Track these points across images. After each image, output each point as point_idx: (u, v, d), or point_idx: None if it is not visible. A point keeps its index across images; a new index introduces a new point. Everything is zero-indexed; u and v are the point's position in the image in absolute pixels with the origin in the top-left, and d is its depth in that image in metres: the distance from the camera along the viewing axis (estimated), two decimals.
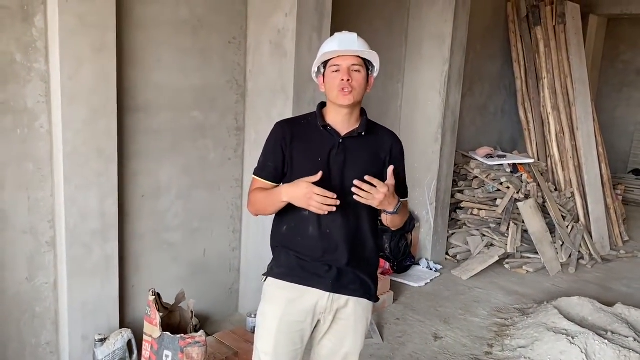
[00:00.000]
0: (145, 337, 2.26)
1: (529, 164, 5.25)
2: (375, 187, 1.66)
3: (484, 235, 4.83)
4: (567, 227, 5.07)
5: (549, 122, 5.63)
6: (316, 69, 1.90)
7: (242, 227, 3.45)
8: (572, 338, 3.08)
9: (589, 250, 5.03)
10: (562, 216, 5.12)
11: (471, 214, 4.89)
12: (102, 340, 2.59)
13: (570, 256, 4.87)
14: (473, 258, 4.65)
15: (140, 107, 2.82)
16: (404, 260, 4.38)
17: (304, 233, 1.84)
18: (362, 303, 1.90)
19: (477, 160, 5.03)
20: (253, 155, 3.30)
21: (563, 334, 3.15)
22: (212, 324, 3.35)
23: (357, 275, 1.87)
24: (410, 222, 4.50)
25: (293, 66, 3.04)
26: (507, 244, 4.70)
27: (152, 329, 2.18)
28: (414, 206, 4.60)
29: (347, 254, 1.83)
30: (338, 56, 1.81)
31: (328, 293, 1.83)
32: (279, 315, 1.85)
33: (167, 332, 2.16)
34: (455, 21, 4.28)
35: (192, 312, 2.31)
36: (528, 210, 4.78)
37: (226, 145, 3.26)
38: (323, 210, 1.66)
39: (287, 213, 1.84)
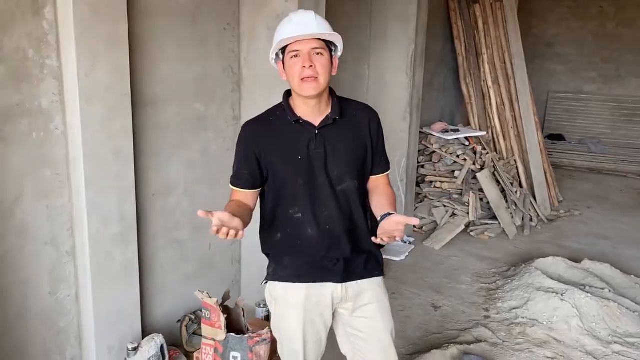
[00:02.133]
0: (205, 340, 2.19)
1: (478, 137, 5.58)
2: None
3: (446, 206, 5.10)
4: (515, 192, 5.48)
5: (489, 96, 5.99)
6: (274, 56, 1.76)
7: None
8: (562, 295, 3.39)
9: (537, 212, 5.48)
10: (510, 183, 5.51)
11: (434, 186, 5.14)
12: (135, 349, 2.47)
13: (523, 219, 5.28)
14: (441, 228, 4.90)
15: (148, 102, 2.66)
16: None
17: (303, 236, 1.78)
18: (376, 281, 1.88)
19: (434, 135, 5.26)
20: None
21: (552, 292, 3.45)
22: None
23: (362, 258, 1.84)
24: None
25: None
26: (468, 213, 5.01)
27: (215, 332, 2.12)
28: None
29: (349, 243, 1.80)
30: (296, 40, 1.66)
31: (340, 284, 1.81)
32: (301, 316, 1.81)
33: (232, 333, 2.11)
34: (419, 2, 4.40)
35: (243, 309, 2.27)
36: (485, 180, 5.10)
37: (225, 136, 3.17)
38: (225, 236, 1.55)
39: (279, 219, 1.79)
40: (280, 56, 1.74)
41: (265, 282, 1.93)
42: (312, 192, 1.56)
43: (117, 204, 2.46)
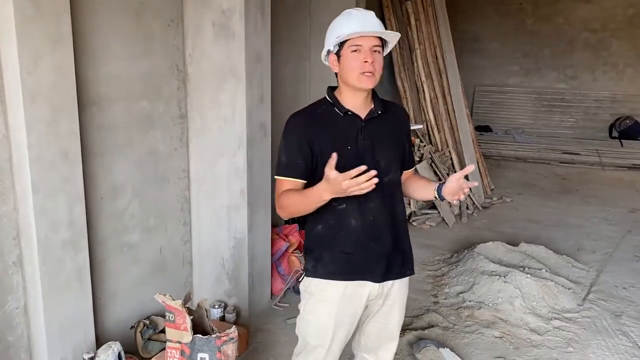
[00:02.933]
0: (170, 344, 2.14)
1: (415, 130, 5.75)
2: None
3: None
4: None
5: (423, 90, 6.18)
6: (330, 49, 1.82)
7: (192, 219, 3.32)
8: (504, 277, 3.57)
9: (472, 200, 5.72)
10: (447, 173, 5.73)
11: None
12: (92, 359, 2.37)
13: (460, 208, 5.50)
14: None
15: (93, 101, 2.56)
16: None
17: (347, 227, 1.80)
18: (404, 280, 1.97)
19: None
20: (199, 143, 3.19)
21: (495, 275, 3.63)
22: None
23: (401, 256, 1.90)
24: None
25: (243, 48, 2.97)
26: (409, 204, 5.16)
27: (181, 334, 2.08)
28: None
29: (391, 236, 1.85)
30: (360, 36, 1.73)
31: (379, 283, 1.86)
32: (333, 312, 1.84)
33: (198, 335, 2.08)
34: None
35: (206, 310, 2.23)
36: (424, 171, 5.27)
37: (172, 134, 3.10)
38: (369, 187, 1.53)
39: (322, 211, 1.77)
40: (334, 49, 1.78)
41: (302, 279, 1.93)
42: None
43: (66, 209, 2.35)
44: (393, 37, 1.81)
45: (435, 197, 1.84)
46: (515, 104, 9.34)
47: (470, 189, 1.81)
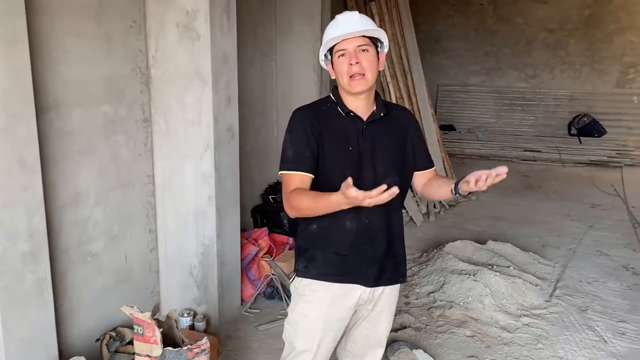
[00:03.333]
0: (139, 358, 2.05)
1: None
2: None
3: None
4: None
5: (389, 90, 6.19)
6: (323, 57, 1.84)
7: (158, 226, 3.23)
8: (474, 275, 3.60)
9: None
10: None
11: None
12: None
13: (427, 207, 5.54)
14: None
15: (51, 106, 2.45)
16: None
17: (341, 229, 1.77)
18: (395, 286, 1.95)
19: None
20: (163, 147, 3.10)
21: (464, 274, 3.66)
22: None
23: (394, 262, 1.88)
24: None
25: (209, 49, 2.91)
26: None
27: (150, 348, 2.00)
28: None
29: (385, 241, 1.83)
30: (342, 40, 1.72)
31: (370, 288, 1.84)
32: (322, 315, 1.82)
33: (168, 347, 2.00)
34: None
35: (176, 321, 2.16)
36: None
37: (136, 139, 3.00)
38: (391, 195, 1.46)
39: None
40: (329, 57, 1.79)
41: (293, 279, 1.90)
42: (357, 184, 1.50)
43: (25, 219, 2.23)
44: (376, 34, 1.77)
45: (452, 191, 1.77)
46: (478, 103, 9.49)
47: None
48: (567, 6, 8.71)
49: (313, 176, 1.75)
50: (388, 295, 1.92)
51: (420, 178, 1.95)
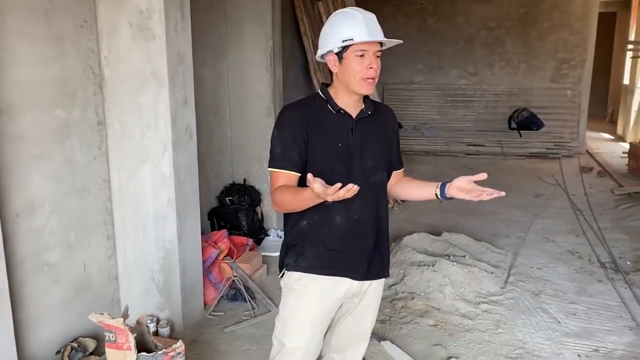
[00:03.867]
0: None
1: None
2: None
3: None
4: None
5: None
6: (330, 49, 1.76)
7: (116, 232, 3.13)
8: (433, 266, 3.70)
9: None
10: None
11: None
12: None
13: None
14: None
15: (3, 110, 2.34)
16: (259, 234, 4.51)
17: (331, 224, 1.80)
18: (381, 281, 1.98)
19: None
20: (119, 150, 3.01)
21: (424, 265, 3.75)
22: (102, 342, 3.01)
23: (380, 257, 1.92)
24: (258, 196, 4.64)
25: (165, 49, 2.85)
26: None
27: (124, 354, 1.94)
28: (255, 181, 4.73)
29: (374, 236, 1.86)
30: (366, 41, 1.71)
31: (358, 282, 1.86)
32: (312, 310, 1.83)
33: (143, 353, 1.95)
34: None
35: (147, 326, 2.11)
36: None
37: (90, 143, 2.90)
38: (352, 193, 1.50)
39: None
40: (335, 50, 1.74)
41: (283, 274, 1.89)
42: (346, 179, 1.52)
43: None
44: (394, 44, 1.80)
45: (437, 196, 1.83)
46: (422, 100, 9.73)
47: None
48: (505, 5, 9.07)
49: (299, 174, 1.76)
50: (375, 289, 1.94)
51: (392, 177, 1.99)
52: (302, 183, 1.75)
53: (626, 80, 10.70)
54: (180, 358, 2.02)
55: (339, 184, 1.47)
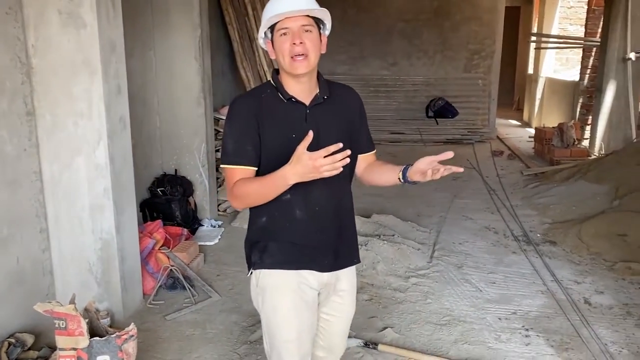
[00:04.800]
0: (63, 352, 1.98)
1: None
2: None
3: None
4: None
5: (266, 78, 6.34)
6: (263, 34, 1.71)
7: (49, 225, 3.07)
8: (365, 245, 3.90)
9: None
10: None
11: None
12: None
13: None
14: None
15: None
16: (193, 224, 4.52)
17: (291, 218, 1.72)
18: (352, 268, 1.91)
19: (224, 119, 5.38)
20: (51, 141, 2.96)
21: None
22: (41, 336, 2.95)
23: (347, 246, 1.85)
24: (190, 186, 4.64)
25: (97, 38, 2.83)
26: None
27: (76, 340, 1.94)
28: (186, 171, 4.72)
29: (336, 226, 1.78)
30: (285, 18, 1.62)
31: (327, 273, 1.79)
32: (291, 303, 1.75)
33: (95, 337, 1.97)
34: None
35: (96, 311, 2.12)
36: None
37: (20, 134, 2.83)
38: (338, 169, 1.46)
39: (266, 203, 1.67)
40: (269, 35, 1.68)
41: (250, 273, 1.81)
42: None
43: None
44: (321, 14, 1.70)
45: (400, 179, 1.75)
46: None
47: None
48: None
49: (256, 168, 1.69)
50: (347, 278, 1.88)
51: (361, 161, 1.91)
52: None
53: (530, 70, 11.52)
54: (132, 341, 2.06)
55: (328, 149, 1.42)
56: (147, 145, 4.53)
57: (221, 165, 1.75)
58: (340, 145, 1.44)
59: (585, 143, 7.83)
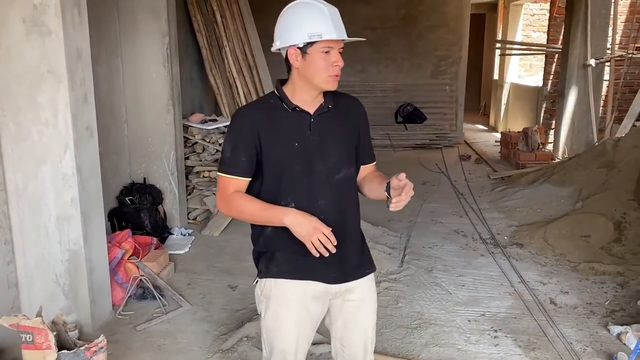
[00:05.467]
0: None
1: None
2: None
3: (215, 194, 5.27)
4: None
5: (236, 86, 6.33)
6: (295, 43, 1.69)
7: (13, 236, 3.00)
8: None
9: None
10: None
11: (202, 176, 5.25)
12: None
13: None
14: (215, 215, 5.06)
15: None
16: (163, 232, 4.47)
17: None
18: (367, 278, 1.88)
19: (195, 127, 5.35)
20: (15, 151, 2.90)
21: None
22: (5, 352, 2.87)
23: (356, 257, 1.84)
24: (160, 195, 4.59)
25: (63, 45, 2.79)
26: None
27: (43, 354, 1.91)
28: (155, 180, 4.67)
29: (342, 234, 1.75)
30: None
31: (335, 285, 1.79)
32: (294, 314, 1.76)
33: (64, 350, 1.93)
34: None
35: (65, 323, 2.09)
36: None
37: None
38: (317, 253, 1.58)
39: None
40: (299, 44, 1.68)
41: (256, 282, 1.83)
42: (308, 179, 1.52)
43: None
44: (356, 40, 1.78)
45: (387, 197, 1.76)
46: None
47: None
48: (385, 6, 9.57)
49: (249, 179, 1.75)
50: (361, 288, 1.86)
51: (361, 172, 1.93)
52: (250, 187, 1.77)
53: (496, 76, 11.78)
54: (102, 352, 2.03)
55: (332, 239, 1.61)
56: (115, 154, 4.47)
57: (217, 172, 1.80)
58: (335, 242, 1.63)
59: (550, 147, 8.05)
